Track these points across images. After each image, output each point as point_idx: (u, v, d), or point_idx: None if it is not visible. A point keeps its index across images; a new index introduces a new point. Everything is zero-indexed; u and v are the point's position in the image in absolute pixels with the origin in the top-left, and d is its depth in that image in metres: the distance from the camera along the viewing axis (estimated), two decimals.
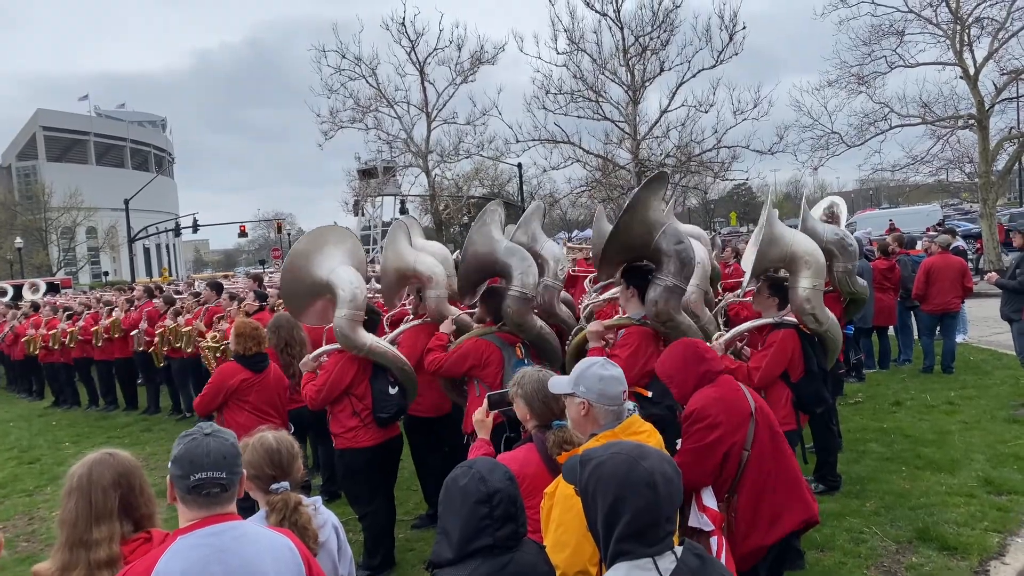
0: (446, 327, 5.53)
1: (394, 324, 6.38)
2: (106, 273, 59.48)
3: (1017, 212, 30.82)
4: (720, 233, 19.51)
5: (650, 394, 4.49)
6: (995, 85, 22.10)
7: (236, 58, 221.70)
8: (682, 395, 3.71)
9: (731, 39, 23.10)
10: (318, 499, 2.86)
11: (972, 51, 21.83)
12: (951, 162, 24.41)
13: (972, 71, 21.59)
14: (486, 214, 5.42)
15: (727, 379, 3.75)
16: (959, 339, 11.16)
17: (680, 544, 1.97)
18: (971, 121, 21.96)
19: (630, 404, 3.16)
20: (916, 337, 11.29)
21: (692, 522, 3.49)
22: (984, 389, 9.30)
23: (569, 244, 11.25)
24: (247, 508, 2.65)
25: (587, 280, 7.50)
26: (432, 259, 5.84)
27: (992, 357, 11.20)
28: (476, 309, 5.63)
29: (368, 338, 5.24)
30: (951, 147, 23.79)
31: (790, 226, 5.48)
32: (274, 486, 2.72)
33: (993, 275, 8.92)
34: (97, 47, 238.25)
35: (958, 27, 21.56)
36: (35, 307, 15.38)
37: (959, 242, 13.50)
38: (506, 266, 5.15)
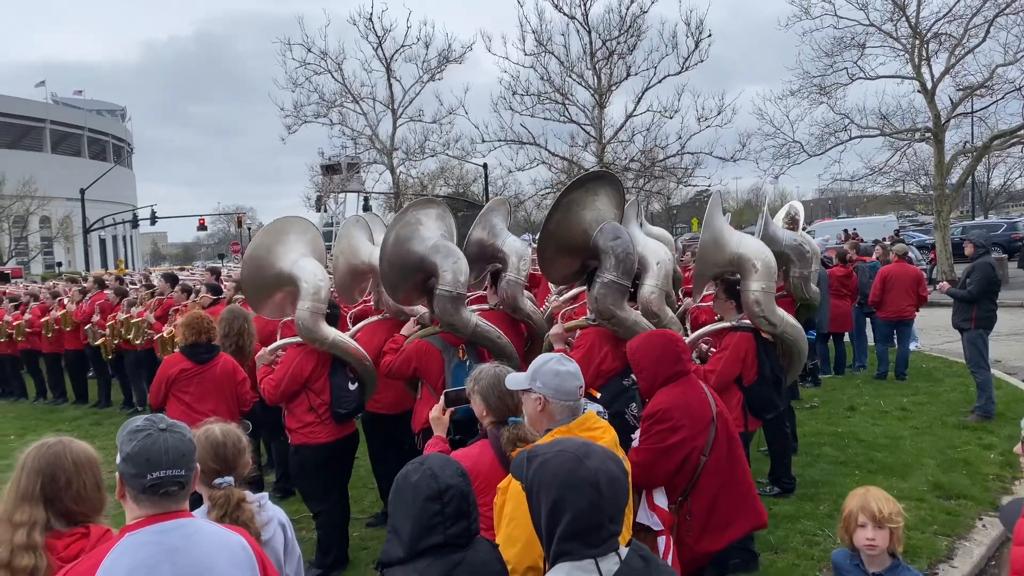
0: (408, 328, 5.45)
1: (357, 320, 6.30)
2: (59, 264, 57.95)
3: (970, 224, 31.61)
4: (681, 239, 19.74)
5: (599, 395, 4.48)
6: (951, 100, 22.64)
7: (185, 51, 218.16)
8: (648, 389, 3.69)
9: (697, 46, 23.32)
10: (264, 495, 2.77)
11: (930, 66, 22.36)
12: (907, 174, 25.03)
13: (929, 85, 22.06)
14: (407, 214, 5.24)
15: (694, 380, 3.75)
16: (911, 347, 11.37)
17: (627, 545, 1.93)
18: (927, 134, 22.45)
19: (591, 405, 3.14)
20: (871, 343, 11.48)
21: (641, 519, 3.48)
22: (935, 396, 9.48)
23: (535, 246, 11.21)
24: (193, 501, 2.57)
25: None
26: None
27: (944, 365, 11.42)
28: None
29: (331, 332, 5.16)
30: (908, 159, 24.41)
31: (749, 233, 5.51)
32: (217, 481, 2.63)
33: (945, 284, 9.09)
34: (41, 35, 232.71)
35: (917, 42, 22.02)
36: None
37: (911, 252, 13.79)
38: (432, 264, 5.02)
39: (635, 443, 3.65)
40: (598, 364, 4.64)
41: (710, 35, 23.36)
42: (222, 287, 10.22)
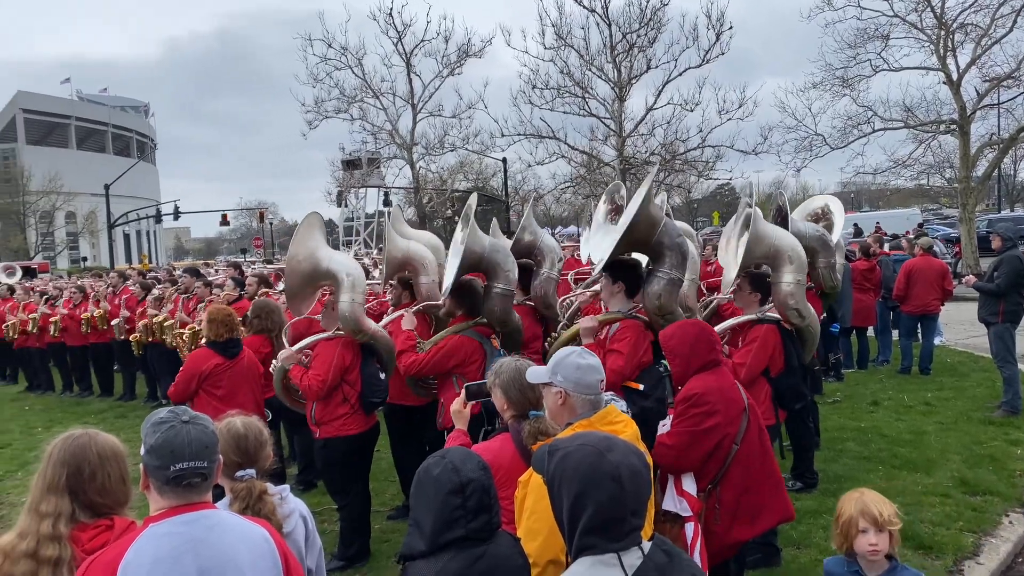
0: (408, 322, 5.41)
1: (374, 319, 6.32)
2: (84, 259, 58.66)
3: (996, 217, 31.16)
4: (703, 232, 19.73)
5: (641, 387, 4.47)
6: (977, 91, 22.32)
7: (207, 47, 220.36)
8: (681, 375, 3.72)
9: (718, 39, 23.12)
10: (286, 488, 2.79)
11: (956, 56, 22.06)
12: (932, 167, 24.68)
13: (955, 76, 21.76)
14: (470, 211, 5.37)
15: (725, 371, 3.79)
16: (936, 342, 11.24)
17: (650, 539, 1.92)
18: (953, 126, 22.16)
19: (617, 401, 3.13)
20: (895, 338, 11.36)
21: (668, 505, 3.48)
22: (961, 391, 9.37)
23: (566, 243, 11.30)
24: (215, 493, 2.59)
25: (570, 276, 7.47)
26: (422, 246, 5.86)
27: (969, 359, 11.29)
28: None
29: (372, 323, 5.25)
30: (933, 152, 24.09)
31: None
32: (239, 473, 2.65)
33: (971, 278, 8.97)
34: (65, 32, 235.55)
35: (942, 32, 21.72)
36: (11, 291, 15.10)
37: (936, 246, 13.64)
38: (492, 263, 5.10)
39: (664, 427, 3.66)
40: (640, 356, 4.63)
41: (731, 27, 23.16)
42: (245, 281, 10.29)
